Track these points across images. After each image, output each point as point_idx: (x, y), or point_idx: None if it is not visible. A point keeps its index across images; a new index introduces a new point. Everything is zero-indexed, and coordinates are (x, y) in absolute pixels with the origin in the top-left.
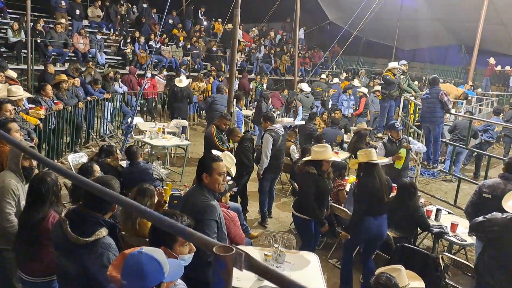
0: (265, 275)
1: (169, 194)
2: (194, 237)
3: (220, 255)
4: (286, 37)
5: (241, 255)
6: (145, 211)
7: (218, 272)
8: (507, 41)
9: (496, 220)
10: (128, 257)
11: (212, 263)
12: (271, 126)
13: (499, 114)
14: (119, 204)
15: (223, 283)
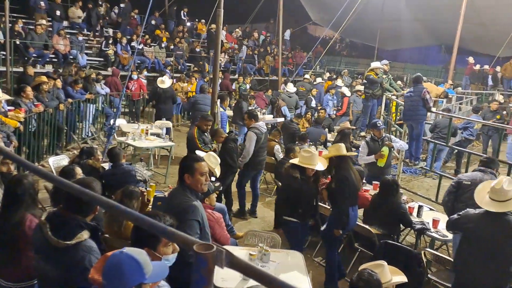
0: (246, 272)
1: (152, 195)
2: (175, 236)
3: (200, 252)
4: (269, 38)
5: (222, 252)
6: (125, 211)
7: (199, 270)
8: (486, 40)
9: (469, 216)
10: (110, 257)
11: (193, 261)
12: (255, 124)
13: (478, 112)
14: (100, 206)
15: (204, 281)
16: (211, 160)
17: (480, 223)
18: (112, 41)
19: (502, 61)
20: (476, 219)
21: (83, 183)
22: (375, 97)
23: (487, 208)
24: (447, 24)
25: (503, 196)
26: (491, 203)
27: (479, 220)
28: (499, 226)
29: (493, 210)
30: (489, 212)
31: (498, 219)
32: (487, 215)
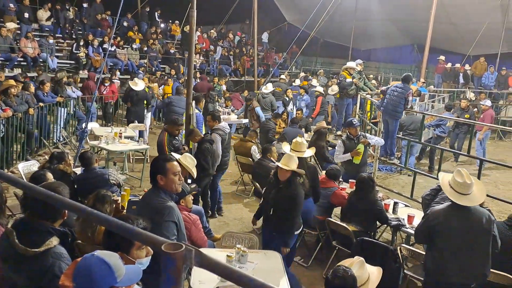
0: (215, 270)
1: (127, 199)
2: (142, 236)
3: (168, 252)
4: (245, 39)
5: (191, 251)
6: (92, 213)
7: (167, 270)
8: (457, 39)
9: (437, 212)
10: (80, 261)
11: (161, 261)
12: (218, 125)
13: (450, 110)
14: (68, 209)
15: (173, 281)
16: (188, 160)
17: (449, 216)
18: (83, 43)
19: (472, 59)
20: (445, 212)
21: (50, 188)
22: (350, 96)
23: (458, 201)
24: (419, 23)
25: (466, 189)
26: (458, 196)
27: (448, 213)
28: (468, 219)
29: (460, 203)
30: (456, 205)
31: (466, 211)
32: (455, 208)
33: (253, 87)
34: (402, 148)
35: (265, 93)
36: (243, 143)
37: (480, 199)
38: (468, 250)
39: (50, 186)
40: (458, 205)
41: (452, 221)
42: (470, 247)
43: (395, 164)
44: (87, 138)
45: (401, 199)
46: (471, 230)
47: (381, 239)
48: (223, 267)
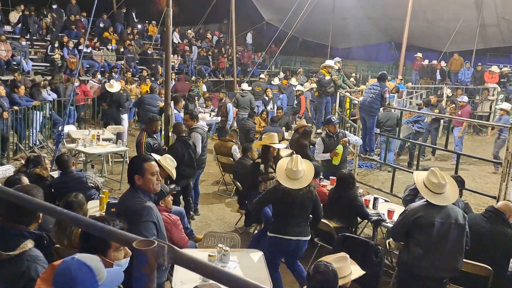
0: (189, 266)
1: (106, 202)
2: (113, 234)
3: (140, 249)
4: (223, 39)
5: (164, 248)
6: (61, 212)
7: (139, 267)
8: (433, 36)
9: (416, 208)
10: (61, 264)
11: (133, 259)
12: (196, 124)
13: (429, 105)
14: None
15: (145, 279)
16: (168, 162)
17: (429, 211)
18: (58, 45)
19: (448, 56)
20: (424, 208)
21: (22, 190)
22: (328, 94)
23: (433, 201)
24: (396, 21)
25: (440, 189)
26: (433, 196)
27: (427, 209)
28: (446, 214)
29: (435, 203)
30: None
31: (443, 207)
32: (433, 205)
33: (233, 87)
34: (381, 145)
35: (243, 92)
36: (223, 143)
37: (453, 198)
38: (444, 245)
39: (23, 189)
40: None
41: (431, 216)
42: (446, 242)
43: (375, 160)
44: (64, 141)
45: (381, 195)
46: (449, 225)
47: (362, 234)
48: (197, 262)
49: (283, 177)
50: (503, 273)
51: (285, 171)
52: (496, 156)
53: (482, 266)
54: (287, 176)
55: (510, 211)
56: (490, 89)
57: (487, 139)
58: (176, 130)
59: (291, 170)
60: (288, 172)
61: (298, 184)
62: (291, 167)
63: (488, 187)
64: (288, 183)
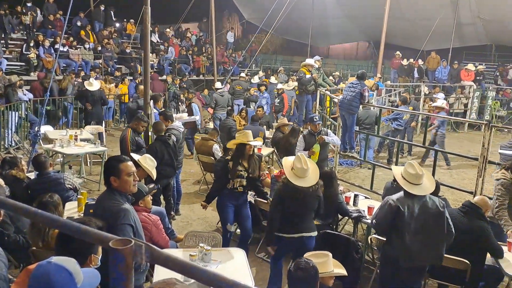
0: (166, 264)
1: (84, 203)
2: (89, 234)
3: (117, 248)
4: (203, 37)
5: (141, 246)
6: (35, 213)
7: (116, 267)
8: (411, 35)
9: (396, 199)
10: (36, 268)
11: (110, 258)
12: (171, 125)
13: (406, 103)
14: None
15: (123, 278)
16: (147, 162)
17: (408, 201)
18: (33, 44)
19: (426, 54)
20: (403, 199)
21: None
22: (309, 92)
23: (411, 191)
24: (375, 20)
25: (418, 179)
26: (411, 186)
27: (405, 200)
28: (425, 203)
29: (414, 193)
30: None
31: (421, 197)
32: (412, 195)
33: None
34: (360, 142)
35: (222, 91)
36: (204, 142)
37: (430, 189)
38: (427, 234)
39: None
40: (412, 194)
41: (411, 206)
42: (428, 231)
43: (355, 157)
44: (41, 141)
45: (361, 192)
46: (429, 214)
47: (343, 231)
48: (175, 261)
49: (292, 176)
50: (480, 267)
51: (292, 170)
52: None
53: (460, 260)
54: (296, 174)
55: (486, 205)
56: (466, 86)
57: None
58: (156, 129)
59: (302, 168)
60: (297, 171)
61: (308, 182)
62: (302, 166)
63: (465, 182)
64: (298, 181)
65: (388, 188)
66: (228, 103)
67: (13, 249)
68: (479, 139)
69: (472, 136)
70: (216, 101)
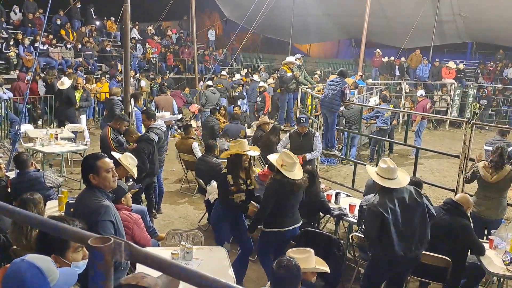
0: (145, 261)
1: (65, 201)
2: (67, 232)
3: (95, 246)
4: (184, 36)
5: (120, 244)
6: (12, 211)
7: (95, 265)
8: (391, 33)
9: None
10: (10, 266)
11: (88, 257)
12: (154, 124)
13: (386, 100)
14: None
15: (102, 277)
16: (128, 160)
17: (386, 198)
18: (13, 42)
19: (407, 52)
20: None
21: None
22: (290, 90)
23: (387, 185)
24: (355, 18)
25: (392, 174)
26: (386, 181)
27: (383, 197)
28: (402, 195)
29: (390, 186)
30: (386, 189)
31: (398, 191)
32: (388, 191)
33: (195, 84)
34: (343, 140)
35: (213, 89)
36: (183, 140)
37: (405, 181)
38: (413, 225)
39: None
40: (388, 189)
41: (393, 207)
42: (412, 222)
43: (336, 155)
44: (21, 140)
45: (343, 190)
46: (410, 208)
47: (325, 229)
48: (154, 258)
49: (285, 171)
50: (462, 264)
51: (283, 167)
52: None
53: (441, 257)
54: (288, 170)
55: (467, 203)
56: (447, 84)
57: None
58: (129, 134)
59: (293, 163)
60: (289, 166)
61: (298, 175)
62: (293, 161)
63: (446, 180)
64: (291, 175)
65: (369, 186)
66: (218, 101)
67: None
68: (459, 136)
69: (453, 134)
70: (208, 98)
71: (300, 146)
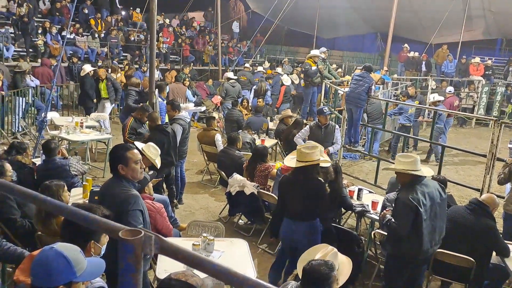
0: (177, 257)
1: (89, 189)
2: (98, 223)
3: (126, 239)
4: (208, 27)
5: (151, 238)
6: (44, 200)
7: (125, 257)
8: (419, 28)
9: (412, 195)
10: (38, 254)
11: (119, 248)
12: (178, 115)
13: (409, 97)
14: (23, 199)
15: (132, 269)
16: (151, 150)
17: (419, 192)
18: (41, 30)
19: (434, 48)
20: (414, 192)
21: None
22: (314, 84)
23: (420, 173)
24: (382, 12)
25: (416, 165)
26: (416, 172)
27: (416, 191)
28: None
29: (422, 174)
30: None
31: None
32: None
33: (218, 75)
34: (367, 135)
35: (233, 82)
36: (206, 132)
37: (429, 172)
38: (436, 222)
39: None
40: (418, 183)
41: (424, 201)
42: (437, 219)
43: (359, 151)
44: (47, 128)
45: (365, 186)
46: (437, 203)
47: (346, 225)
48: (185, 253)
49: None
50: (485, 265)
51: (406, 167)
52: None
53: (465, 257)
54: (410, 170)
55: (494, 204)
56: (475, 81)
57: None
58: (151, 119)
59: (409, 161)
60: (409, 165)
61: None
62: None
63: (471, 179)
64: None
65: (392, 183)
66: (239, 94)
67: (19, 234)
68: (486, 135)
69: (479, 132)
70: (227, 91)
71: (320, 139)
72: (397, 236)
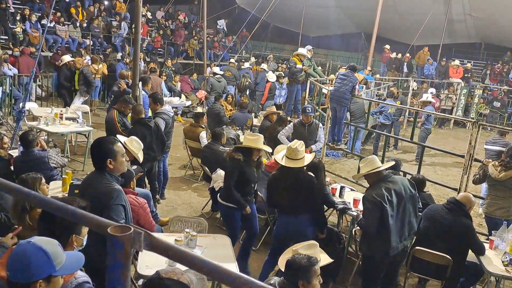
0: (166, 253)
1: (69, 183)
2: (86, 219)
3: (115, 235)
4: (194, 21)
5: (140, 234)
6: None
7: (114, 254)
8: (402, 29)
9: (377, 194)
10: (16, 247)
11: (108, 245)
12: (161, 109)
13: (392, 96)
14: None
15: (120, 266)
16: (134, 144)
17: (386, 190)
18: (20, 18)
19: (416, 49)
20: (380, 190)
21: None
22: (299, 82)
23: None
24: (367, 12)
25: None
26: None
27: (383, 189)
28: (399, 186)
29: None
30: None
31: (394, 182)
32: (384, 183)
33: (202, 70)
34: (349, 133)
35: (219, 77)
36: (192, 128)
37: (390, 163)
38: (404, 215)
39: None
40: (384, 180)
41: (390, 197)
42: (406, 214)
43: (342, 149)
44: (25, 118)
45: (347, 184)
46: (403, 195)
47: (328, 222)
48: (175, 250)
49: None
50: (461, 263)
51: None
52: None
53: (442, 255)
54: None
55: (470, 203)
56: (454, 83)
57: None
58: (135, 112)
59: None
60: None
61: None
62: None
63: (448, 179)
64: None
65: None
66: (224, 89)
67: None
68: (464, 136)
69: (457, 133)
70: (212, 86)
71: (303, 136)
72: (368, 234)
